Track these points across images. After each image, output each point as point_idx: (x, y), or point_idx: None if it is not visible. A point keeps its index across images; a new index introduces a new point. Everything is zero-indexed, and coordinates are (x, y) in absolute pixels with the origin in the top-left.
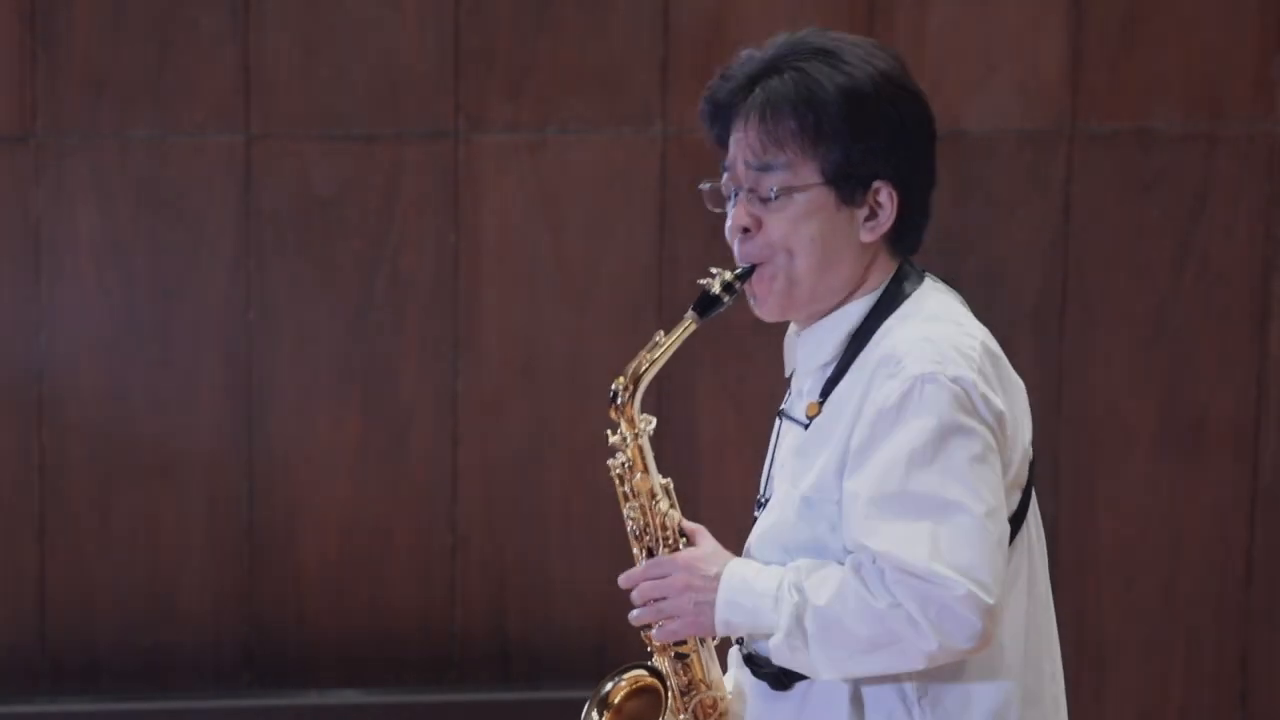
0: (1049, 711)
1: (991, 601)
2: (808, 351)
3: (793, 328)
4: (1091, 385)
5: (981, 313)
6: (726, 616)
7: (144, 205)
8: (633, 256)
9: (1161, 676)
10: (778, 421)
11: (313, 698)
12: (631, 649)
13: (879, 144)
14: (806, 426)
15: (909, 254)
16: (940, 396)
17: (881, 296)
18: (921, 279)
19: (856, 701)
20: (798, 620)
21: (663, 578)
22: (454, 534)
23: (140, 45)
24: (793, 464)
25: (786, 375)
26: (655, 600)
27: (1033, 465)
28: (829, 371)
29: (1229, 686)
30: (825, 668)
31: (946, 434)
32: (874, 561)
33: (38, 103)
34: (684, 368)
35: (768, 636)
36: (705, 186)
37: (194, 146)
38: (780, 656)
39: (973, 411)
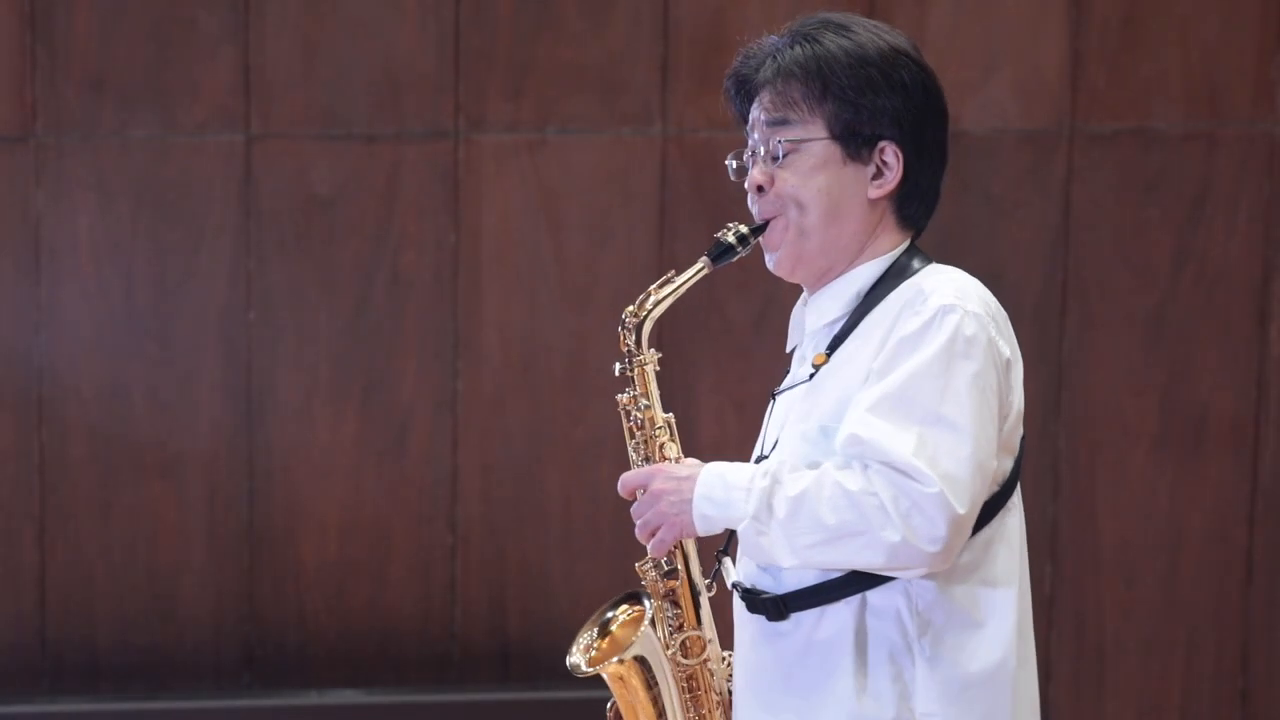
0: (1030, 678)
1: (961, 511)
2: (817, 312)
3: (800, 301)
4: (1091, 385)
5: None
6: (702, 510)
7: (144, 205)
8: (633, 256)
9: (1161, 676)
10: (770, 402)
11: (313, 698)
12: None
13: (882, 104)
14: (812, 377)
15: (916, 228)
16: (957, 323)
17: (894, 264)
18: (931, 261)
19: (860, 635)
20: (767, 504)
21: (644, 489)
22: (454, 534)
23: (140, 45)
24: (799, 408)
25: (789, 349)
26: (643, 516)
27: (1023, 444)
28: (836, 329)
29: (1229, 686)
30: (788, 554)
31: (955, 356)
32: (860, 455)
33: (38, 103)
34: (684, 368)
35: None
36: (730, 161)
37: (194, 146)
38: (747, 543)
39: (983, 345)
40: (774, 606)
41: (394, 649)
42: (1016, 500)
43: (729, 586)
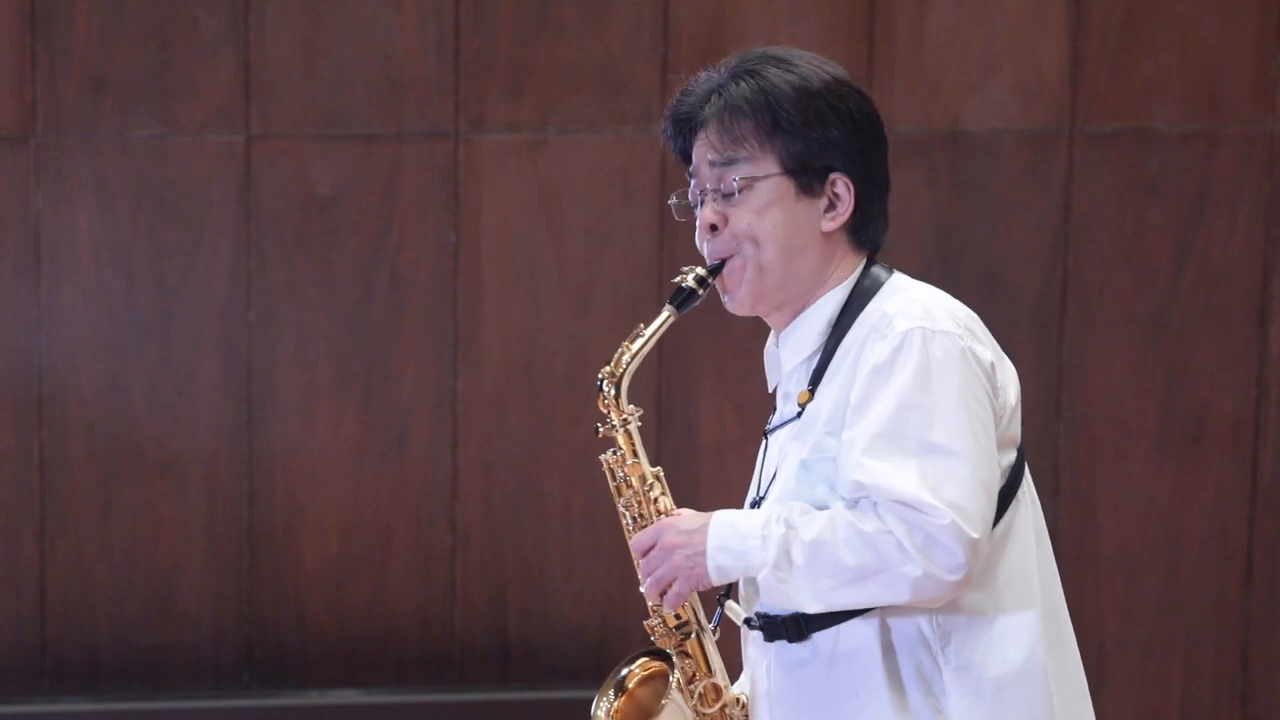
0: (1071, 660)
1: (975, 536)
2: (791, 349)
3: (770, 341)
4: (1091, 385)
5: (981, 313)
6: (718, 561)
7: (144, 205)
8: (633, 256)
9: (1161, 676)
10: (764, 441)
11: (313, 698)
12: (631, 648)
13: (832, 136)
14: (799, 415)
15: (873, 247)
16: (926, 345)
17: (856, 286)
18: (892, 272)
19: (889, 656)
20: (785, 552)
21: (653, 546)
22: (454, 534)
23: (140, 45)
24: (792, 448)
25: (770, 390)
26: (655, 572)
27: (1024, 433)
28: (814, 363)
29: (1229, 686)
30: (811, 599)
31: (932, 378)
32: (866, 495)
33: (38, 103)
34: (684, 367)
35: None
36: (674, 200)
37: (194, 146)
38: (769, 591)
39: (959, 360)
40: (794, 626)
41: (394, 649)
42: (1026, 492)
43: (742, 625)
